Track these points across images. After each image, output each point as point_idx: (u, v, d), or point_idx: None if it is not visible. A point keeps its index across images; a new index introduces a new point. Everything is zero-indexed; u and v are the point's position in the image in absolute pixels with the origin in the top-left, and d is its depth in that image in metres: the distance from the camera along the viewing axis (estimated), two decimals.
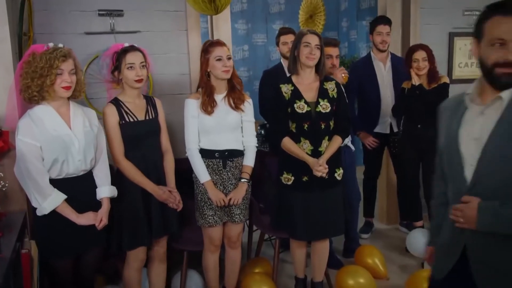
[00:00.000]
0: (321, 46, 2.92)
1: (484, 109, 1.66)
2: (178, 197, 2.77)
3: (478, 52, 1.66)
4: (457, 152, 1.71)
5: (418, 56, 3.67)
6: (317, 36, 2.92)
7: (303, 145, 2.90)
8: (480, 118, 1.67)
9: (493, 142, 1.61)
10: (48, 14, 3.37)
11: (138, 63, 2.66)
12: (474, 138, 1.66)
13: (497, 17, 1.58)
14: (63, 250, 2.42)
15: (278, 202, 3.02)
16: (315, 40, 2.89)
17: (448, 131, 1.77)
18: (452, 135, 1.73)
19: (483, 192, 1.64)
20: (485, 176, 1.64)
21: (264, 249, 3.78)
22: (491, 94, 1.66)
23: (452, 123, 1.75)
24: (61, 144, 2.36)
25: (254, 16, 6.70)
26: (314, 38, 2.90)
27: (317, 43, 2.89)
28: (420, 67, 3.66)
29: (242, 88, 2.99)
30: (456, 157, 1.71)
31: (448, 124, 1.78)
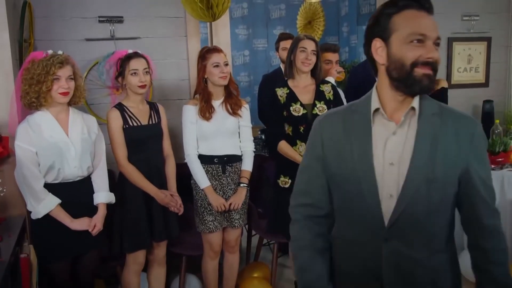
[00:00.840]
0: (317, 52, 2.94)
1: (398, 126, 1.41)
2: (180, 201, 2.80)
3: (387, 53, 1.39)
4: (370, 181, 1.39)
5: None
6: (313, 42, 2.94)
7: (299, 148, 2.91)
8: (394, 137, 1.41)
9: (417, 166, 1.36)
10: (48, 21, 3.40)
11: (142, 69, 2.70)
12: (390, 163, 1.39)
13: (411, 11, 1.36)
14: (59, 253, 2.44)
15: (276, 205, 3.03)
16: (311, 45, 2.92)
17: (348, 154, 1.43)
18: (358, 159, 1.41)
19: (402, 229, 1.39)
20: (408, 210, 1.37)
21: (262, 254, 3.79)
22: (399, 106, 1.42)
23: (353, 144, 1.43)
24: (57, 151, 2.39)
25: (255, 21, 6.74)
26: (311, 44, 2.92)
27: (313, 48, 2.92)
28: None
29: (238, 93, 3.01)
30: (369, 187, 1.39)
31: (344, 144, 1.44)
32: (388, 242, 1.40)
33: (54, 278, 2.47)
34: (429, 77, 1.34)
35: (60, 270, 2.46)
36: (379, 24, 1.39)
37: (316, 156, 1.51)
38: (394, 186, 1.38)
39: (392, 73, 1.38)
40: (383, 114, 1.42)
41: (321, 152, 1.50)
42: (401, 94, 1.40)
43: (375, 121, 1.42)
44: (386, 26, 1.38)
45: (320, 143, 1.49)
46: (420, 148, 1.37)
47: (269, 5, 6.79)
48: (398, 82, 1.38)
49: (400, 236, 1.39)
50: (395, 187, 1.38)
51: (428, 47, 1.34)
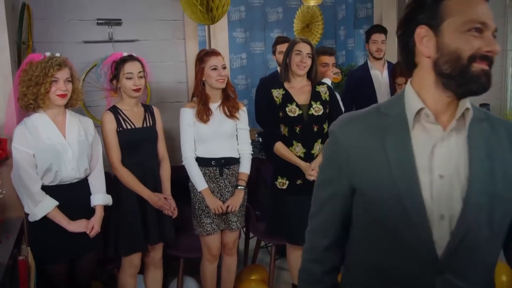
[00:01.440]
0: (313, 55, 2.96)
1: (448, 132, 1.16)
2: (173, 204, 2.80)
3: (435, 43, 1.14)
4: (415, 198, 1.12)
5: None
6: (308, 45, 2.96)
7: (295, 148, 2.93)
8: (443, 144, 1.15)
9: (478, 179, 1.13)
10: (47, 23, 3.41)
11: (136, 73, 2.70)
12: (440, 175, 1.13)
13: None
14: (57, 255, 2.44)
15: (273, 207, 3.04)
16: (307, 48, 2.93)
17: (383, 166, 1.15)
18: (398, 171, 1.14)
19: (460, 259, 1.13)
20: (470, 235, 1.11)
21: (260, 256, 3.80)
22: (445, 108, 1.17)
23: (389, 153, 1.15)
24: (54, 153, 2.39)
25: (252, 24, 6.75)
26: (306, 47, 2.94)
27: (309, 51, 2.93)
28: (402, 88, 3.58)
29: (236, 96, 3.02)
30: (414, 206, 1.12)
31: (376, 155, 1.17)
32: (442, 276, 1.12)
33: (52, 280, 2.47)
34: (487, 74, 1.12)
35: (57, 272, 2.46)
36: (425, 8, 1.15)
37: (338, 172, 1.23)
38: (446, 204, 1.12)
39: (442, 67, 1.13)
40: (429, 116, 1.15)
41: (345, 167, 1.21)
42: (449, 94, 1.15)
43: (414, 125, 1.17)
44: (435, 11, 1.14)
45: (344, 156, 1.21)
46: (477, 158, 1.14)
47: (267, 8, 6.81)
48: (449, 79, 1.13)
49: (457, 268, 1.13)
50: (448, 205, 1.12)
51: (487, 38, 1.12)
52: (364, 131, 1.20)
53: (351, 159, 1.20)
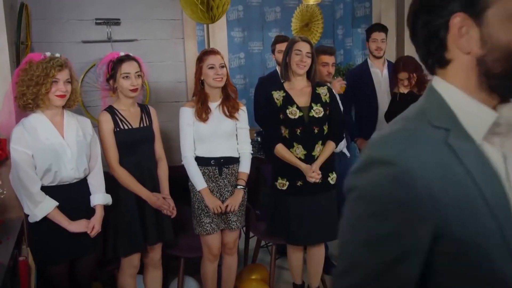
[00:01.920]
0: (313, 54, 2.96)
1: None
2: (172, 204, 2.79)
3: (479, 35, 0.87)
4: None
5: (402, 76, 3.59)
6: (308, 44, 2.95)
7: (296, 150, 2.93)
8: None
9: None
10: (45, 23, 3.40)
11: (134, 73, 2.69)
12: None
13: None
14: (57, 256, 2.43)
15: (273, 207, 3.04)
16: (306, 47, 2.93)
17: (479, 201, 0.85)
18: (495, 205, 0.85)
19: None
20: None
21: (260, 256, 3.79)
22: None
23: (480, 182, 0.85)
24: (53, 153, 2.38)
25: (250, 24, 6.73)
26: (306, 46, 2.93)
27: (308, 50, 2.93)
28: (404, 83, 3.58)
29: (236, 96, 3.02)
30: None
31: (467, 187, 0.85)
32: None
33: (52, 281, 2.47)
34: None
35: (57, 273, 2.46)
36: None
37: (413, 218, 0.83)
38: None
39: (492, 66, 0.87)
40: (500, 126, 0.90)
41: (429, 208, 0.83)
42: (495, 97, 0.91)
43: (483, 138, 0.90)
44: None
45: (424, 193, 0.83)
46: None
47: (265, 8, 6.79)
48: (499, 80, 0.88)
49: None
50: None
51: None
52: (437, 154, 0.86)
53: (436, 196, 0.83)
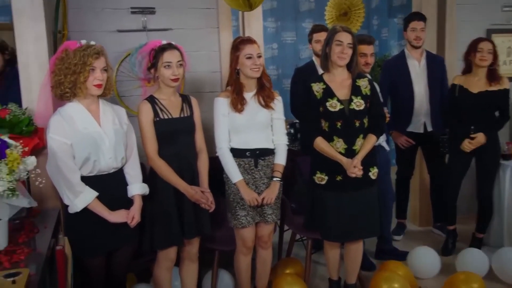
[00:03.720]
0: (354, 45, 2.85)
1: None
2: (211, 198, 2.73)
3: None
4: None
5: (483, 46, 3.58)
6: (350, 34, 2.85)
7: (336, 144, 2.84)
8: None
9: None
10: (81, 12, 3.41)
11: (175, 62, 2.63)
12: None
13: None
14: (94, 248, 2.41)
15: (311, 202, 2.97)
16: (348, 38, 2.82)
17: None
18: None
19: None
20: None
21: (295, 250, 3.72)
22: None
23: None
24: (91, 142, 2.35)
25: (284, 14, 6.64)
26: (347, 36, 2.83)
27: (350, 41, 2.82)
28: (484, 57, 3.56)
29: (271, 86, 2.94)
30: None
31: None
32: None
33: (89, 272, 2.45)
34: None
35: (94, 265, 2.43)
36: None
37: None
38: None
39: None
40: None
41: None
42: None
43: None
44: None
45: None
46: None
47: None
48: None
49: None
50: None
51: None
52: None
53: None
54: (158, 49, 2.67)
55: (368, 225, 2.92)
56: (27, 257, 1.97)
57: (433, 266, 3.47)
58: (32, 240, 2.20)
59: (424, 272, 3.47)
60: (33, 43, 2.64)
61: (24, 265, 1.89)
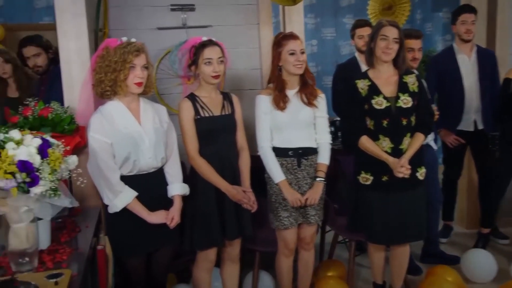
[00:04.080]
0: (401, 40, 2.73)
1: None
2: (253, 198, 2.66)
3: None
4: None
5: None
6: (396, 29, 2.72)
7: (382, 143, 2.73)
8: None
9: None
10: (122, 10, 3.40)
11: (216, 58, 2.58)
12: None
13: None
14: (134, 249, 2.38)
15: (355, 203, 2.86)
16: (394, 33, 2.70)
17: None
18: None
19: None
20: None
21: (337, 251, 3.62)
22: None
23: None
24: (131, 141, 2.31)
25: (323, 10, 6.51)
26: (393, 31, 2.71)
27: (396, 36, 2.70)
28: None
29: (314, 83, 2.85)
30: None
31: None
32: None
33: (129, 272, 2.42)
34: None
35: (135, 265, 2.41)
36: None
37: None
38: None
39: None
40: None
41: None
42: None
43: None
44: None
45: None
46: None
47: None
48: None
49: None
50: None
51: None
52: None
53: None
54: (198, 45, 2.62)
55: (416, 227, 2.80)
56: (69, 257, 1.96)
57: (489, 271, 3.31)
58: (74, 240, 2.19)
59: (477, 277, 3.31)
60: (75, 41, 2.64)
61: (66, 265, 1.88)
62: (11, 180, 1.63)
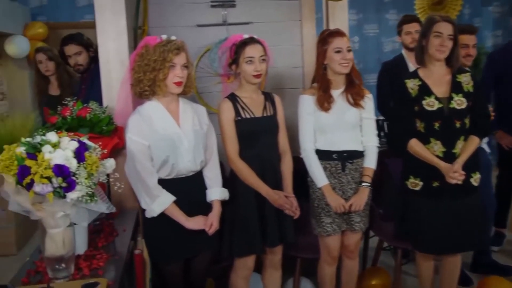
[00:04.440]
0: (455, 36, 2.55)
1: None
2: (295, 204, 2.54)
3: None
4: None
5: None
6: (451, 25, 2.55)
7: (433, 146, 2.57)
8: None
9: None
10: (161, 7, 3.35)
11: (258, 57, 2.47)
12: None
13: None
14: (171, 255, 2.31)
15: (403, 209, 2.71)
16: (448, 29, 2.53)
17: None
18: None
19: None
20: None
21: (382, 258, 3.45)
22: None
23: None
24: (170, 144, 2.23)
25: (366, 5, 6.35)
26: (447, 27, 2.53)
27: (450, 32, 2.53)
28: None
29: (361, 82, 2.71)
30: None
31: None
32: None
33: (166, 278, 2.35)
34: None
35: (172, 272, 2.34)
36: None
37: None
38: None
39: None
40: None
41: None
42: None
43: None
44: None
45: None
46: None
47: None
48: None
49: None
50: None
51: None
52: None
53: None
54: (239, 43, 2.52)
55: (469, 237, 2.62)
56: (106, 263, 1.90)
57: None
58: (112, 244, 2.13)
59: None
60: (114, 39, 2.59)
61: (103, 272, 1.82)
62: (47, 185, 1.57)
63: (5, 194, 1.67)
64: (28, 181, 1.56)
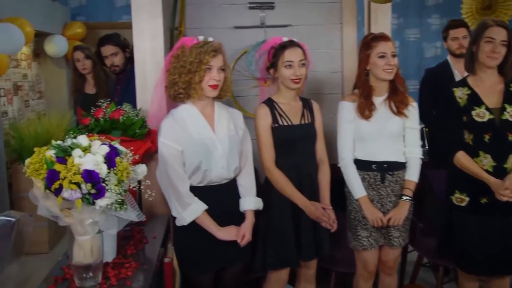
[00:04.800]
0: (509, 42, 2.39)
1: None
2: (333, 216, 2.43)
3: None
4: None
5: None
6: (504, 30, 2.39)
7: (482, 160, 2.41)
8: None
9: None
10: (198, 8, 3.31)
11: (297, 61, 2.37)
12: None
13: None
14: (202, 266, 2.22)
15: (447, 225, 2.55)
16: (502, 34, 2.37)
17: None
18: None
19: None
20: None
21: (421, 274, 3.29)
22: None
23: None
24: (203, 149, 2.15)
25: (407, 9, 6.16)
26: (501, 32, 2.38)
27: (504, 38, 2.37)
28: None
29: (405, 90, 2.56)
30: None
31: None
32: None
33: None
34: None
35: (202, 283, 2.25)
36: None
37: None
38: None
39: None
40: None
41: None
42: None
43: None
44: None
45: None
46: None
47: None
48: None
49: None
50: None
51: None
52: None
53: None
54: (278, 47, 2.43)
55: None
56: (135, 273, 1.83)
57: None
58: (141, 252, 2.06)
59: None
60: (150, 40, 2.54)
61: (131, 282, 1.75)
62: (76, 191, 1.51)
63: (34, 198, 1.62)
64: (56, 186, 1.50)
